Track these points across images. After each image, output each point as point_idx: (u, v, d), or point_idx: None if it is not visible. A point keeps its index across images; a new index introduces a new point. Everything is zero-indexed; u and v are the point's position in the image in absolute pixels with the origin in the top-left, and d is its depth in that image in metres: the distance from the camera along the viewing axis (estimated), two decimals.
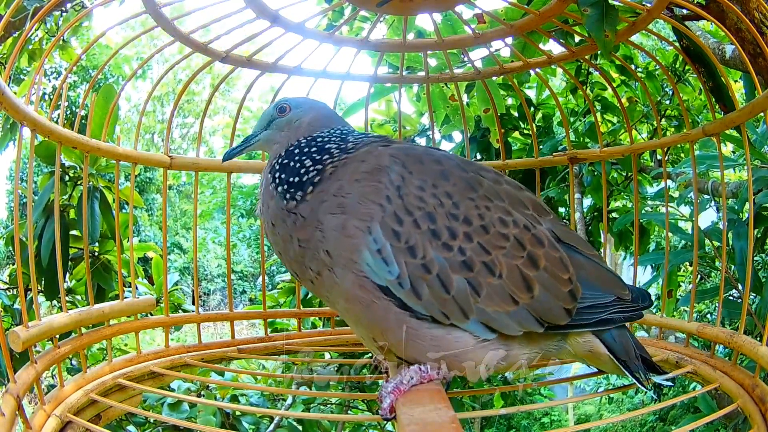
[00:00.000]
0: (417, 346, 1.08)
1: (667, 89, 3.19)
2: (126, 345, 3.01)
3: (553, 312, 1.10)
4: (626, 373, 1.18)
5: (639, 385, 1.18)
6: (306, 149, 1.19)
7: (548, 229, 1.17)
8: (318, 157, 1.17)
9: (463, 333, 1.08)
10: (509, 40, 1.82)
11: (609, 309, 1.16)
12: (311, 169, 1.15)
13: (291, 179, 1.15)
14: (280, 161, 1.20)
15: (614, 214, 3.27)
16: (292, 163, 1.17)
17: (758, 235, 2.50)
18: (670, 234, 2.04)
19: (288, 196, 1.14)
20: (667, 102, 3.26)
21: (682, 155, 3.48)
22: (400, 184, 1.08)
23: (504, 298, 1.07)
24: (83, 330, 1.50)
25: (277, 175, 1.18)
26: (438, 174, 1.12)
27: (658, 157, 3.52)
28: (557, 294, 1.11)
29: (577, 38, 2.13)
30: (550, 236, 1.15)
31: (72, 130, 1.49)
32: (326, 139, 1.21)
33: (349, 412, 3.16)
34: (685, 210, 2.70)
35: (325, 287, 1.13)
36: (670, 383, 1.23)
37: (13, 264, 3.18)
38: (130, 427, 2.66)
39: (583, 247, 1.21)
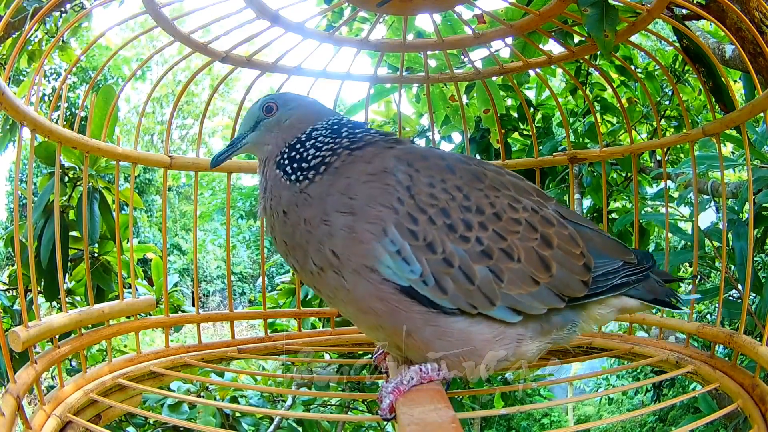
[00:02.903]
0: (443, 343, 1.08)
1: (666, 90, 3.19)
2: (125, 346, 3.02)
3: (572, 286, 1.13)
4: (658, 307, 1.26)
5: (673, 308, 1.26)
6: (308, 142, 1.18)
7: (554, 211, 1.20)
8: (322, 148, 1.16)
9: (482, 325, 1.09)
10: (509, 40, 1.82)
11: (619, 273, 1.20)
12: (318, 155, 1.15)
13: (303, 164, 1.15)
14: (286, 155, 1.18)
15: (614, 215, 3.27)
16: (299, 156, 1.17)
17: (758, 235, 2.50)
18: (669, 234, 2.04)
19: (301, 177, 1.13)
20: (667, 102, 3.26)
21: (682, 155, 3.48)
22: (409, 184, 1.09)
23: (525, 281, 1.09)
24: (83, 330, 1.50)
25: (287, 168, 1.17)
26: (444, 168, 1.13)
27: (658, 157, 3.52)
28: (573, 268, 1.14)
29: (577, 38, 2.13)
30: (557, 216, 1.19)
31: (72, 130, 1.49)
32: (323, 132, 1.20)
33: (349, 412, 3.16)
34: (685, 210, 2.70)
35: (328, 287, 1.12)
36: (698, 296, 1.30)
37: (13, 265, 3.18)
38: (130, 428, 2.66)
39: (587, 223, 1.27)
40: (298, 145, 1.19)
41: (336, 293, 1.11)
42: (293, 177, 1.15)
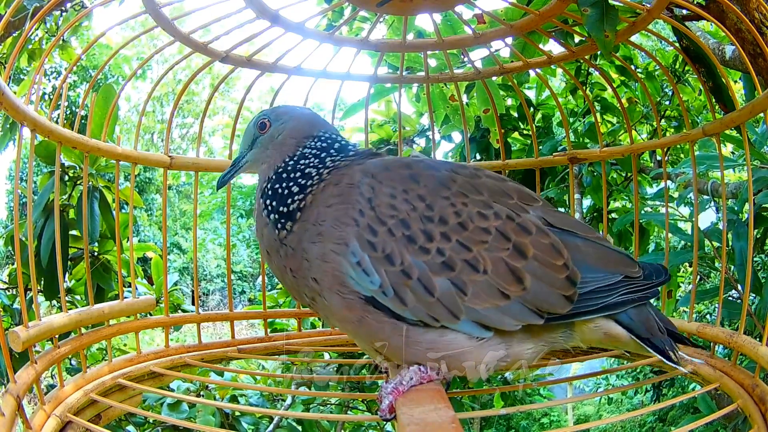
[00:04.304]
0: (416, 351, 1.08)
1: (666, 90, 3.19)
2: (125, 345, 3.01)
3: (551, 301, 1.07)
4: (651, 351, 1.14)
5: (667, 362, 1.14)
6: (291, 174, 1.19)
7: (539, 216, 1.14)
8: (303, 182, 1.17)
9: (456, 334, 1.07)
10: (509, 40, 1.82)
11: (617, 291, 1.12)
12: (296, 198, 1.15)
13: (281, 209, 1.16)
14: (270, 185, 1.20)
15: (614, 215, 3.27)
16: (280, 190, 1.18)
17: (758, 236, 2.50)
18: (669, 234, 2.04)
19: (279, 225, 1.15)
20: (667, 102, 3.26)
21: (682, 156, 3.48)
22: (371, 196, 1.08)
23: (493, 294, 1.05)
24: (83, 330, 1.50)
25: (268, 202, 1.18)
26: (407, 178, 1.11)
27: (658, 157, 3.52)
28: (552, 282, 1.07)
29: (577, 38, 2.13)
30: (538, 223, 1.12)
31: (72, 130, 1.49)
32: (308, 158, 1.20)
33: (348, 412, 3.16)
34: (685, 210, 2.70)
35: (321, 310, 1.16)
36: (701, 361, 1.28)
37: (13, 264, 3.17)
38: (130, 428, 2.66)
39: (582, 230, 1.18)
40: (284, 175, 1.19)
41: (326, 313, 1.15)
42: (271, 218, 1.16)
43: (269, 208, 1.17)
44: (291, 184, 1.17)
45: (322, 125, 1.27)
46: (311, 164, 1.19)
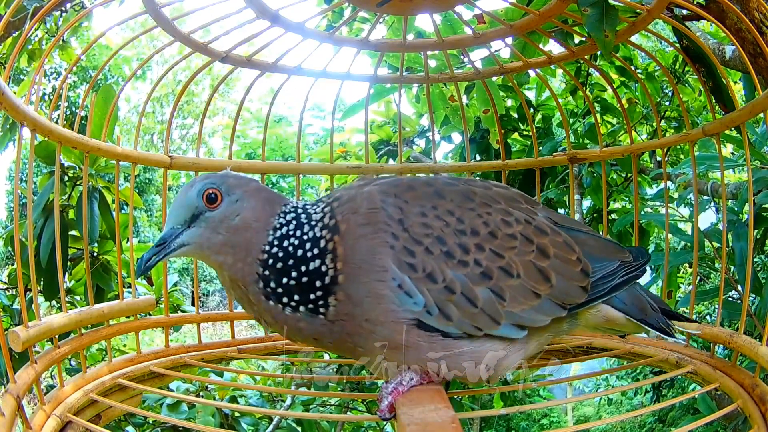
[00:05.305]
0: (457, 364, 1.08)
1: (666, 90, 3.19)
2: (125, 346, 3.01)
3: (572, 293, 1.12)
4: (648, 329, 1.22)
5: (667, 336, 1.23)
6: (291, 260, 1.05)
7: (545, 217, 1.20)
8: (311, 257, 1.05)
9: (493, 340, 1.08)
10: (509, 40, 1.82)
11: (617, 274, 1.19)
12: (314, 276, 1.04)
13: (309, 296, 1.05)
14: (271, 285, 1.05)
15: (614, 216, 3.27)
16: (292, 281, 1.05)
17: (758, 236, 2.50)
18: (669, 235, 2.04)
19: (322, 310, 1.05)
20: (667, 103, 3.26)
21: (682, 156, 3.48)
22: (401, 217, 1.06)
23: (527, 296, 1.08)
24: (83, 330, 1.50)
25: (285, 300, 1.05)
26: (432, 194, 1.12)
27: (658, 158, 3.52)
28: (571, 276, 1.13)
29: (577, 38, 2.13)
30: (549, 223, 1.18)
31: (72, 130, 1.49)
32: (295, 231, 1.07)
33: (348, 412, 3.16)
34: (685, 211, 2.70)
35: (355, 343, 1.08)
36: (695, 331, 1.34)
37: (13, 264, 3.18)
38: (129, 428, 2.66)
39: (579, 226, 1.27)
40: (278, 265, 1.05)
41: (365, 343, 1.07)
42: (302, 310, 1.05)
43: (292, 305, 1.05)
44: (301, 270, 1.05)
45: (281, 198, 1.13)
46: (304, 233, 1.07)
